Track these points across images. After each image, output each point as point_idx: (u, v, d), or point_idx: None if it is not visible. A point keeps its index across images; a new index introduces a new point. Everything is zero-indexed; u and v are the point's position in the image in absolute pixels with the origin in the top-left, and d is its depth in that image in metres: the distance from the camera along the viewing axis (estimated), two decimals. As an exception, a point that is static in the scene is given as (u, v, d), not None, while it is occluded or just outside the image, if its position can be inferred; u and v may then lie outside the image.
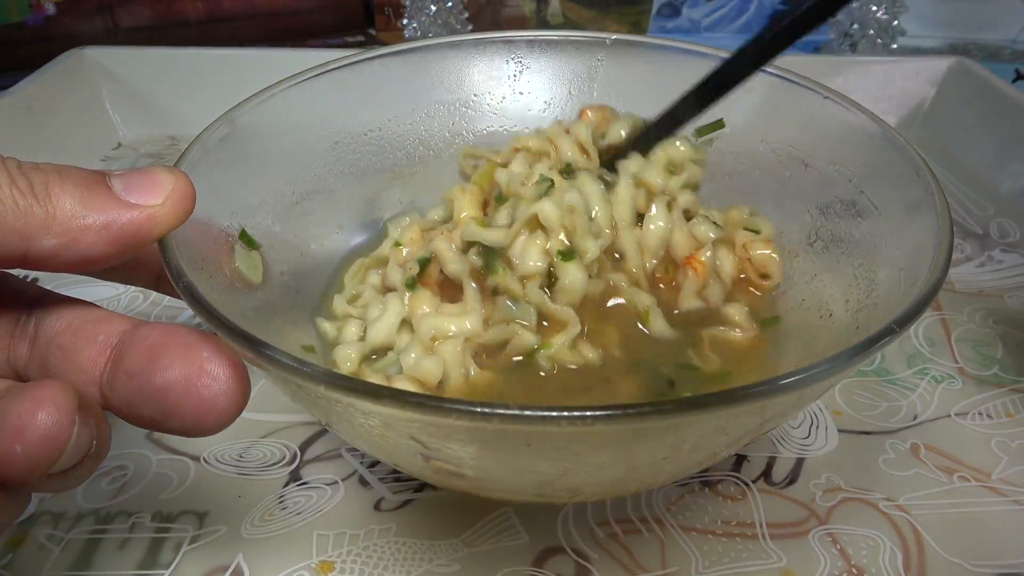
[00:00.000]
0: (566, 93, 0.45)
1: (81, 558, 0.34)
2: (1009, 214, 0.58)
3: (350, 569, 0.33)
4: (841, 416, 0.41)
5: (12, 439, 0.22)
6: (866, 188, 0.35)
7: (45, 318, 0.27)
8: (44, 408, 0.23)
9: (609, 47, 0.44)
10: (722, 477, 0.38)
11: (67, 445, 0.23)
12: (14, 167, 0.24)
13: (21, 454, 0.22)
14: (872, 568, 0.34)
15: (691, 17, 0.94)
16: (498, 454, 0.26)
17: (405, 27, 0.85)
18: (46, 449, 0.23)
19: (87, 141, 0.67)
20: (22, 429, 0.22)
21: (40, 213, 0.23)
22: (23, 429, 0.22)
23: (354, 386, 0.23)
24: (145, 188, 0.25)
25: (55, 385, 0.23)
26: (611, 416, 0.22)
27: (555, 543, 0.35)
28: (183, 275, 0.26)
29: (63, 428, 0.23)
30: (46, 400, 0.23)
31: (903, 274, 0.30)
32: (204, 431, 0.25)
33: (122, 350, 0.25)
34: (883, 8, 0.83)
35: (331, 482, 0.37)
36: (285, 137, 0.39)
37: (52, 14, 0.80)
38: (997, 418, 0.41)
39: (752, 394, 0.23)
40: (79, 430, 0.23)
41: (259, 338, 0.24)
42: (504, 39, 0.44)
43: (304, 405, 0.29)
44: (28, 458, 0.22)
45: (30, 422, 0.22)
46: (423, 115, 0.44)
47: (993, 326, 0.48)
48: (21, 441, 0.22)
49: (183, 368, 0.24)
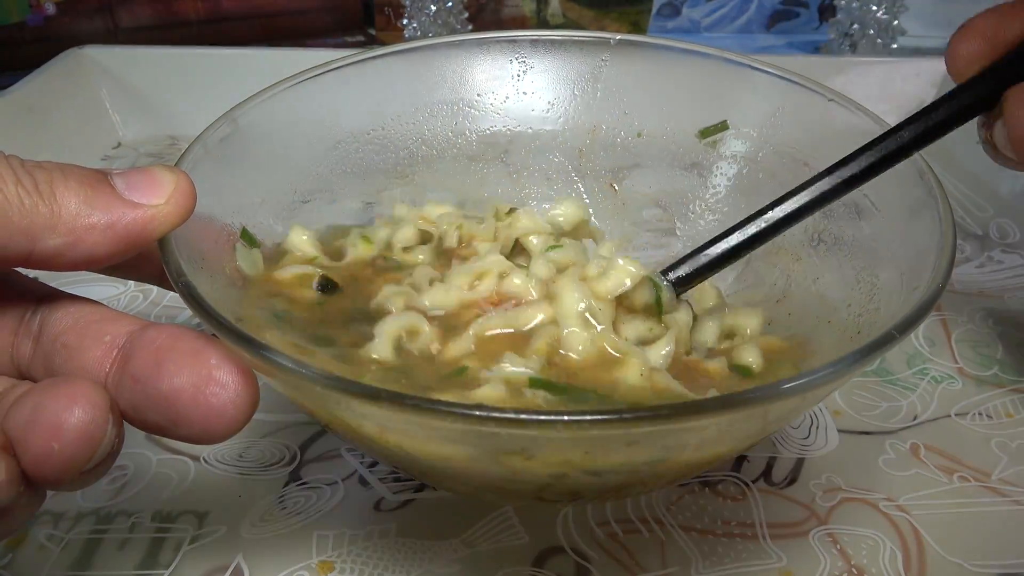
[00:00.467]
0: (570, 93, 0.45)
1: (81, 558, 0.34)
2: (1009, 214, 0.58)
3: (350, 569, 0.33)
4: (841, 416, 0.41)
5: (50, 437, 0.22)
6: (868, 190, 0.35)
7: (50, 316, 0.26)
8: (80, 405, 0.23)
9: (613, 47, 0.44)
10: (722, 477, 0.38)
11: (102, 443, 0.23)
12: (18, 165, 0.24)
13: (58, 452, 0.22)
14: (872, 568, 0.34)
15: (691, 17, 0.94)
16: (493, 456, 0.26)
17: (405, 27, 0.85)
18: (82, 447, 0.23)
19: (87, 141, 0.67)
20: (59, 427, 0.22)
21: (45, 212, 0.23)
22: (60, 427, 0.22)
23: (352, 387, 0.23)
24: (147, 187, 0.25)
25: (87, 382, 0.23)
26: (609, 421, 0.22)
27: (555, 543, 0.35)
28: (182, 274, 0.26)
29: (99, 426, 0.23)
30: (81, 397, 0.23)
31: (905, 279, 0.30)
32: (212, 439, 0.25)
33: (128, 352, 0.25)
34: (883, 8, 0.83)
35: (331, 482, 0.37)
36: (287, 136, 0.39)
37: (52, 14, 0.80)
38: (997, 418, 0.41)
39: (752, 399, 0.23)
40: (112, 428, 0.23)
41: (256, 338, 0.24)
42: (508, 39, 0.44)
43: (303, 406, 0.29)
44: (64, 456, 0.22)
45: (67, 420, 0.22)
46: (426, 114, 0.44)
47: (993, 326, 0.48)
48: (58, 439, 0.22)
49: (191, 376, 0.24)
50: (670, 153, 0.43)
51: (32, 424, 0.22)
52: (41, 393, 0.23)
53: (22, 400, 0.23)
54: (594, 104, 0.44)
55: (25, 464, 0.23)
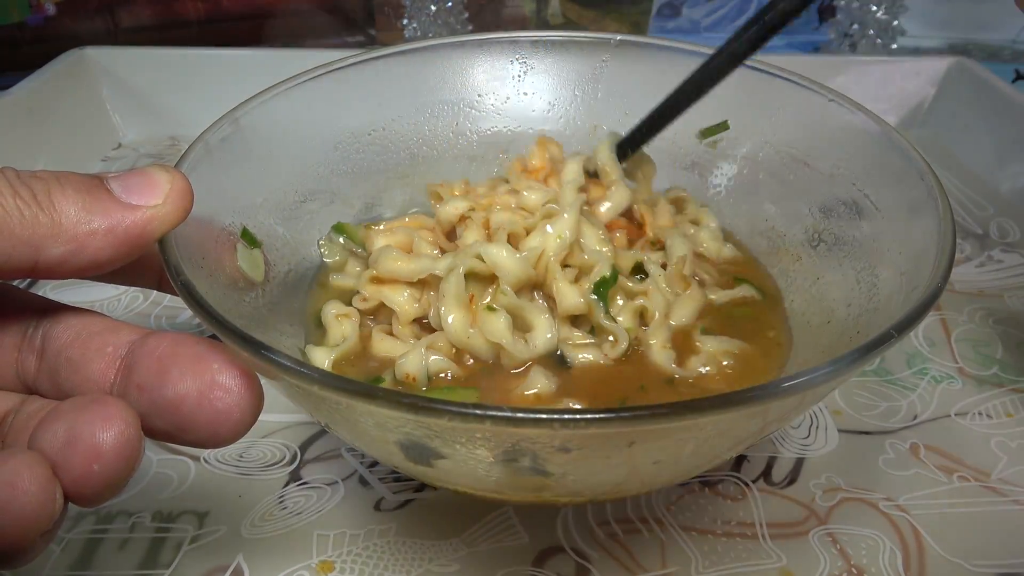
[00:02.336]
0: (571, 94, 0.45)
1: (81, 558, 0.34)
2: (1009, 214, 0.58)
3: (350, 569, 0.33)
4: (841, 416, 0.41)
5: (90, 459, 0.22)
6: (869, 190, 0.35)
7: (52, 330, 0.27)
8: (115, 426, 0.23)
9: (614, 48, 0.44)
10: (722, 477, 0.38)
11: (138, 460, 0.23)
12: (14, 177, 0.24)
13: (99, 472, 0.23)
14: (872, 568, 0.34)
15: (691, 17, 0.94)
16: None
17: (405, 27, 0.85)
18: (122, 466, 0.23)
19: (87, 141, 0.67)
20: (99, 448, 0.23)
21: (46, 222, 0.24)
22: (100, 448, 0.23)
23: (349, 387, 0.23)
24: (144, 189, 0.25)
25: (118, 401, 0.24)
26: (605, 420, 0.22)
27: (555, 543, 0.35)
28: (181, 273, 0.26)
29: (134, 444, 0.23)
30: (117, 417, 0.23)
31: (905, 278, 0.30)
32: (219, 443, 0.25)
33: (132, 362, 0.25)
34: (883, 8, 0.83)
35: (331, 482, 0.37)
36: (288, 136, 0.39)
37: (52, 14, 0.80)
38: (997, 418, 0.41)
39: (749, 399, 0.23)
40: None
41: (255, 337, 0.24)
42: (509, 39, 0.44)
43: (303, 406, 0.29)
44: (105, 476, 0.23)
45: (105, 440, 0.23)
46: (427, 115, 0.44)
47: (993, 326, 0.48)
48: (99, 460, 0.23)
49: (194, 381, 0.24)
50: (670, 153, 0.43)
51: (70, 446, 0.23)
52: (73, 415, 0.23)
53: (50, 422, 0.23)
54: (595, 104, 0.45)
55: (66, 485, 0.23)
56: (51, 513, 0.22)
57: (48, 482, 0.22)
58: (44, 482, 0.22)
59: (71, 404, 0.24)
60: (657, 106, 0.38)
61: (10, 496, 0.21)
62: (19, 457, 0.22)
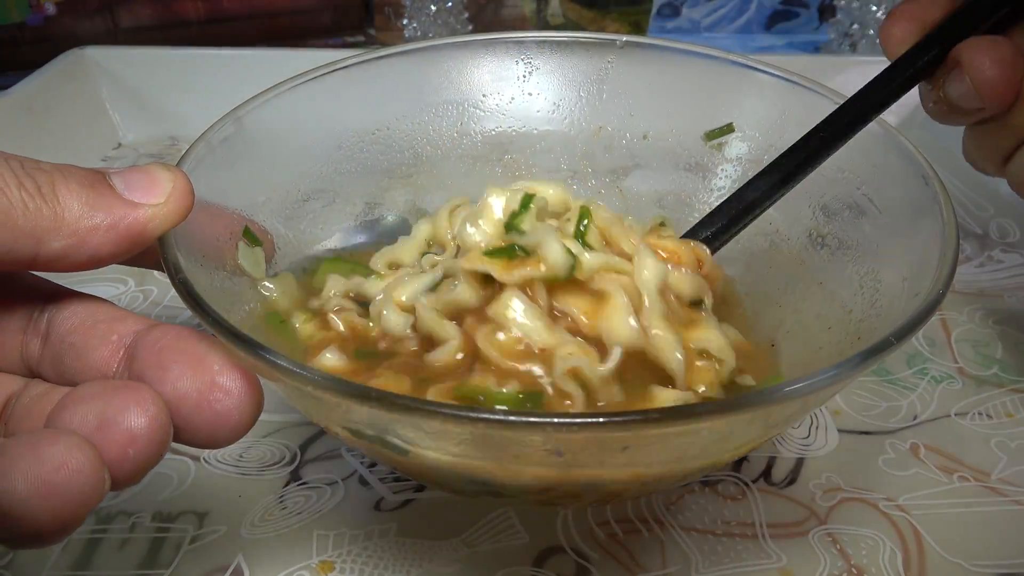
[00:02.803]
0: (576, 95, 0.45)
1: (81, 558, 0.34)
2: (1009, 214, 0.58)
3: (350, 569, 0.33)
4: (841, 416, 0.41)
5: (126, 444, 0.23)
6: (872, 193, 0.35)
7: (58, 315, 0.27)
8: (148, 411, 0.23)
9: (620, 49, 0.44)
10: (722, 477, 0.38)
11: (167, 446, 0.24)
12: (18, 167, 0.24)
13: (133, 457, 0.23)
14: (872, 568, 0.34)
15: (691, 17, 0.94)
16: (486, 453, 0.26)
17: (405, 27, 0.85)
18: (155, 450, 0.23)
19: (87, 141, 0.67)
20: (133, 432, 0.23)
21: (49, 215, 0.24)
22: (134, 432, 0.23)
23: (346, 388, 0.23)
24: (146, 186, 0.25)
25: (147, 387, 0.24)
26: (600, 424, 0.22)
27: (555, 543, 0.35)
28: (180, 271, 0.26)
29: (165, 429, 0.23)
30: (148, 403, 0.23)
31: (907, 284, 0.30)
32: (218, 444, 0.25)
33: (134, 353, 0.25)
34: (883, 8, 0.83)
35: (331, 482, 0.37)
36: (290, 136, 0.39)
37: (52, 14, 0.80)
38: (997, 418, 0.41)
39: (747, 404, 0.23)
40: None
41: (253, 337, 0.24)
42: (515, 40, 0.44)
43: (302, 407, 0.29)
44: (138, 461, 0.23)
45: (139, 425, 0.23)
46: (431, 115, 0.44)
47: (993, 326, 0.48)
48: (134, 444, 0.23)
49: (194, 381, 0.24)
50: (674, 154, 0.43)
51: (103, 430, 0.23)
52: (104, 399, 0.23)
53: (73, 406, 0.23)
54: (599, 105, 0.44)
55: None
56: (102, 493, 0.22)
57: (98, 461, 0.22)
58: (95, 462, 0.22)
59: (95, 388, 0.24)
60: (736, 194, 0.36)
61: (66, 478, 0.21)
62: (65, 439, 0.22)
